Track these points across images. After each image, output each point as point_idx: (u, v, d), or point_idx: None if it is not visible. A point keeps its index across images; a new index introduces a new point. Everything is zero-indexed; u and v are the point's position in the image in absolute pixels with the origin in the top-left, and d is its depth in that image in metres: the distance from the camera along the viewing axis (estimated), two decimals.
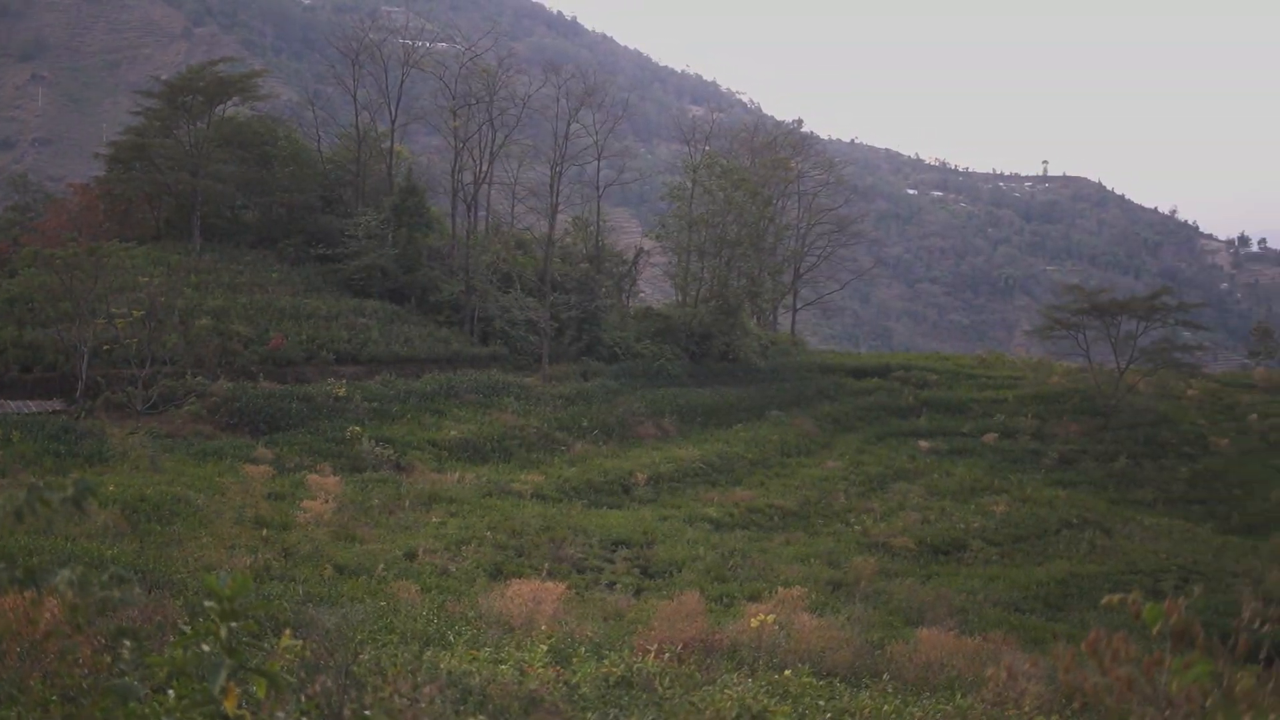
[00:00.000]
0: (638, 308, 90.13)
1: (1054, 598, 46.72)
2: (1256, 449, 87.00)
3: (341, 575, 29.32)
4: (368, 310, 70.06)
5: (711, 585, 36.79)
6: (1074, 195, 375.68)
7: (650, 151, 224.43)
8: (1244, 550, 61.05)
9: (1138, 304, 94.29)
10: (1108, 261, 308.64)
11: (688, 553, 41.81)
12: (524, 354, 73.85)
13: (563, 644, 19.12)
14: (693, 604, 24.67)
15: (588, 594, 33.14)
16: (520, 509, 44.85)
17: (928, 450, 76.17)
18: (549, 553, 38.62)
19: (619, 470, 57.32)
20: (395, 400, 60.57)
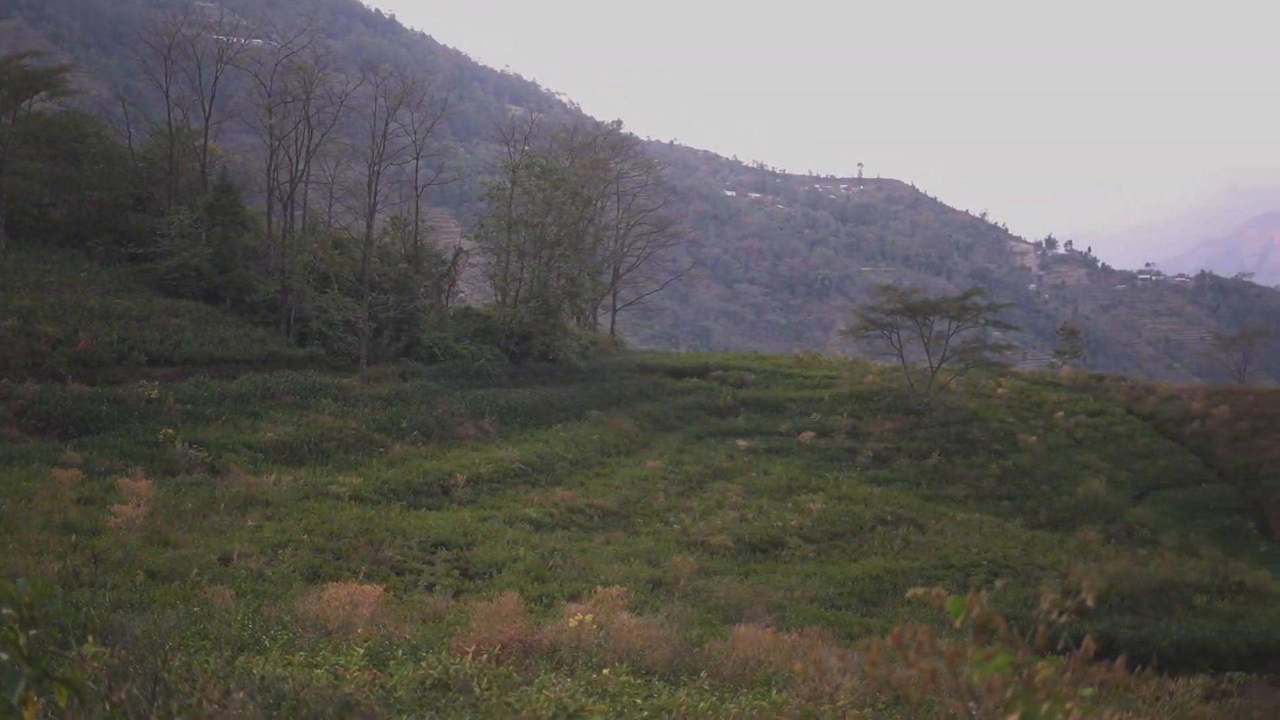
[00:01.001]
0: (457, 308, 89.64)
1: (869, 593, 47.47)
2: (1063, 445, 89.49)
3: (154, 581, 28.64)
4: (181, 310, 68.53)
5: (531, 586, 36.72)
6: (888, 197, 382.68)
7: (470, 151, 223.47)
8: (1051, 544, 62.72)
9: (949, 304, 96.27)
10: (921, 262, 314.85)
11: (507, 553, 41.68)
12: (342, 355, 73.00)
13: (380, 647, 18.94)
14: (512, 605, 24.57)
15: (406, 596, 32.83)
16: (338, 511, 44.30)
17: (746, 449, 76.93)
18: (367, 555, 38.23)
19: (438, 471, 56.93)
20: (210, 402, 59.36)
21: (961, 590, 22.40)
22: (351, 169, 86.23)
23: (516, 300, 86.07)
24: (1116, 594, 52.59)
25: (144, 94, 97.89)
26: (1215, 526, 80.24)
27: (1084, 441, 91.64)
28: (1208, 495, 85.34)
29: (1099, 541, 66.32)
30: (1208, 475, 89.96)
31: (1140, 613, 51.67)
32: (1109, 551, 62.48)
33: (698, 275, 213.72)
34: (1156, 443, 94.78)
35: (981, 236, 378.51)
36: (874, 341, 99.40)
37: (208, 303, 71.63)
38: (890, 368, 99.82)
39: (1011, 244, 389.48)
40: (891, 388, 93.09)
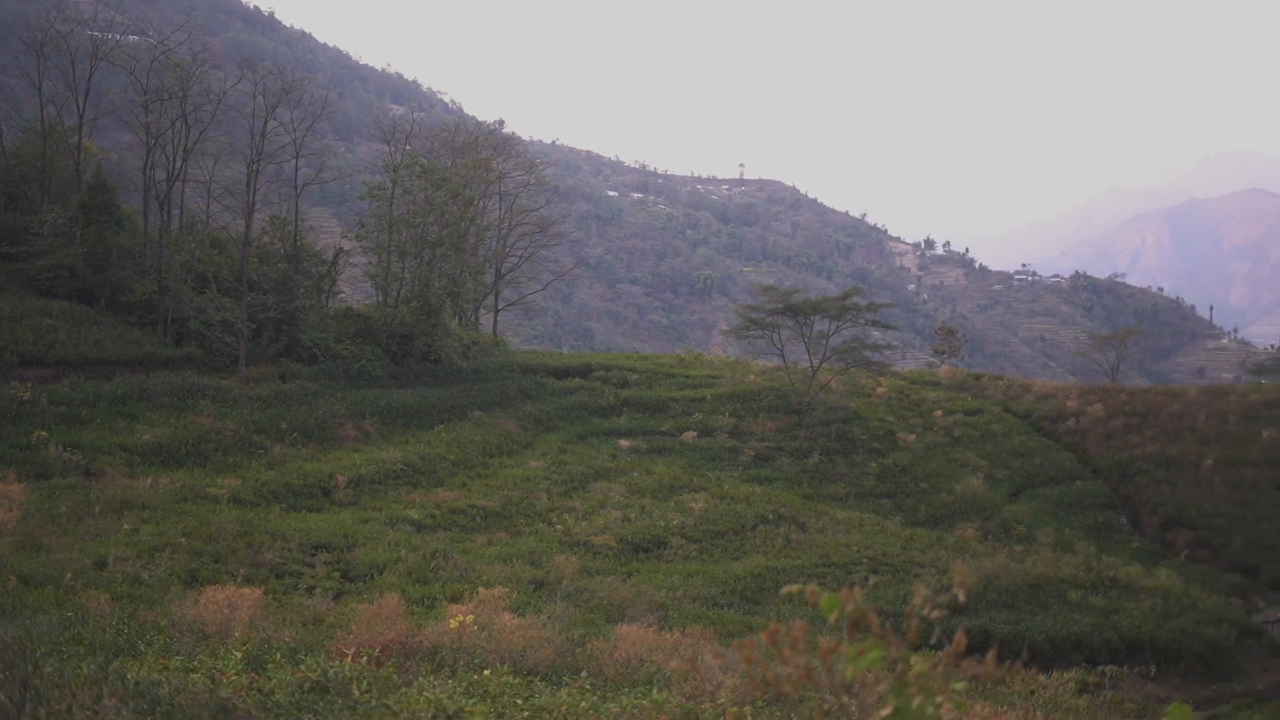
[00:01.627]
0: (338, 308, 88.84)
1: (751, 592, 47.76)
2: (941, 444, 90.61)
3: (26, 586, 28.10)
4: (54, 311, 67.24)
5: (413, 587, 36.58)
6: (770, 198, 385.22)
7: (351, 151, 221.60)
8: (930, 541, 63.45)
9: (829, 304, 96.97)
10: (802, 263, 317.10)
11: (389, 555, 41.48)
12: (220, 356, 72.09)
13: (258, 650, 18.72)
14: (393, 606, 24.46)
15: (286, 599, 32.54)
16: (216, 514, 43.81)
17: (628, 449, 77.04)
18: (246, 558, 37.86)
19: (319, 473, 56.47)
20: (84, 404, 58.36)
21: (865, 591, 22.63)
22: (230, 168, 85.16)
23: (398, 300, 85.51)
24: (993, 590, 53.33)
25: (16, 90, 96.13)
26: (1089, 522, 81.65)
27: (962, 440, 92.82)
28: (1082, 492, 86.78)
29: (977, 538, 67.26)
30: (1082, 472, 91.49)
31: (1017, 608, 52.42)
32: (986, 548, 63.36)
33: (580, 275, 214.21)
34: (1032, 440, 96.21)
35: (862, 237, 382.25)
36: (756, 341, 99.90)
37: (82, 303, 70.35)
38: (772, 367, 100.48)
39: (891, 245, 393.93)
40: (773, 387, 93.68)
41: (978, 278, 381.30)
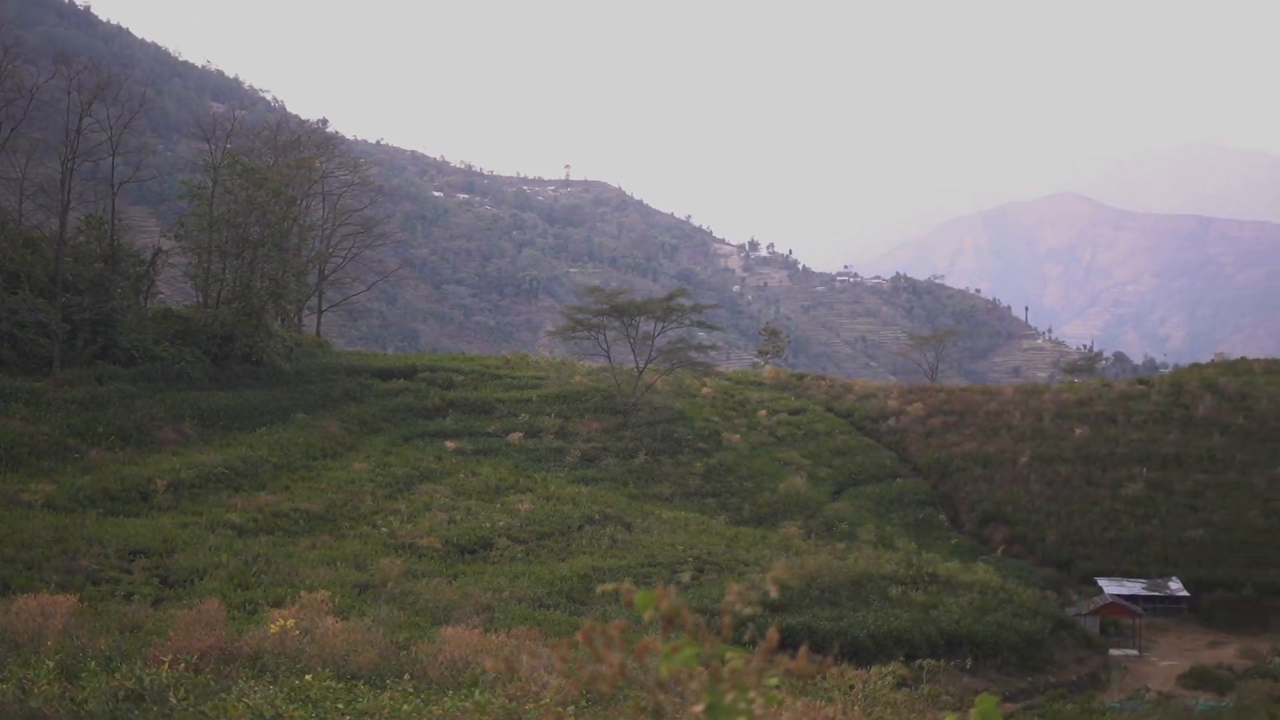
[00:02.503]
0: (157, 309, 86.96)
1: (577, 592, 47.90)
2: (765, 443, 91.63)
3: None
4: None
5: (235, 592, 36.08)
6: (595, 199, 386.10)
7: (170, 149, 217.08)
8: (754, 540, 64.19)
9: (655, 305, 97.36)
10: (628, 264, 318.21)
11: (210, 560, 40.84)
12: (34, 358, 70.18)
13: (71, 659, 18.32)
14: (213, 612, 24.05)
15: (102, 606, 31.84)
16: (29, 520, 42.74)
17: (454, 450, 76.71)
18: (61, 565, 37.00)
19: (137, 477, 55.38)
20: None
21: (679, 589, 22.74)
22: (43, 165, 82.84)
23: (219, 301, 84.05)
24: (817, 587, 54.10)
25: None
26: (910, 519, 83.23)
27: (785, 439, 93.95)
28: (903, 489, 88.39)
29: (800, 536, 68.22)
30: (902, 470, 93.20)
31: (840, 604, 53.24)
32: (809, 546, 64.30)
33: (405, 276, 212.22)
34: (854, 439, 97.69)
35: (687, 238, 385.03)
36: (581, 342, 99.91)
37: None
38: (598, 368, 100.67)
39: (716, 246, 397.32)
40: (599, 388, 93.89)
41: (801, 279, 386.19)
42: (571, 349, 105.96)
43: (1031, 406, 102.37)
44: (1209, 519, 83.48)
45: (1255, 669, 55.26)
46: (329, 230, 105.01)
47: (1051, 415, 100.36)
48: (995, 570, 68.18)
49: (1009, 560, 77.87)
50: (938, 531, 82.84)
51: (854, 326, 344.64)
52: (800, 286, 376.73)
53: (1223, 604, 76.03)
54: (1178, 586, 76.13)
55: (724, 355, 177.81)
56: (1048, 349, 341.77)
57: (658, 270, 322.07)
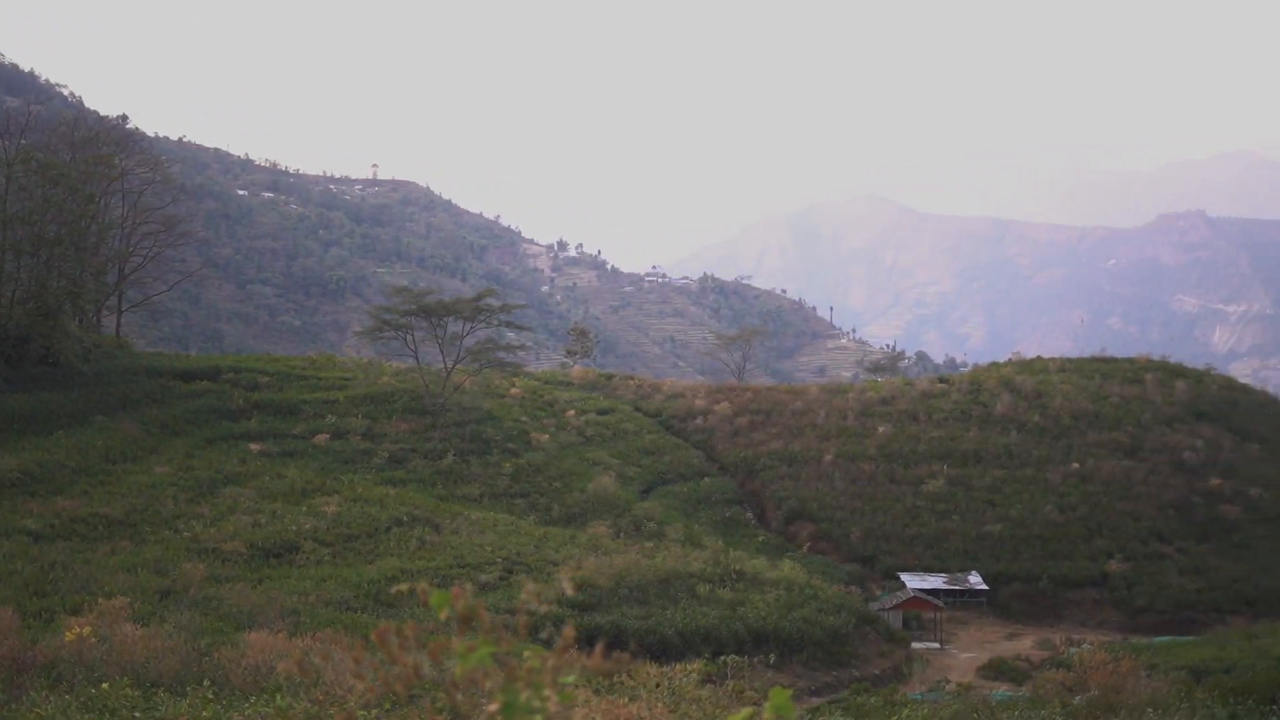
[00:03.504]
0: None
1: (385, 594, 47.51)
2: (574, 443, 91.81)
3: None
4: None
5: (30, 600, 35.15)
6: (404, 199, 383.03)
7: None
8: (564, 540, 64.26)
9: (463, 305, 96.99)
10: (436, 264, 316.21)
11: (4, 567, 39.83)
12: None
13: None
14: (6, 621, 23.40)
15: None
16: None
17: (259, 452, 75.60)
18: None
19: None
20: None
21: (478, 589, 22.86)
22: None
23: (13, 302, 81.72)
24: (625, 586, 54.35)
25: None
26: (717, 517, 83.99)
27: (594, 439, 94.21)
28: (710, 488, 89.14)
29: (609, 535, 68.44)
30: (710, 469, 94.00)
31: (648, 603, 53.55)
32: (618, 545, 64.53)
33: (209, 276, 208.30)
34: (663, 439, 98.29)
35: (496, 239, 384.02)
36: (389, 343, 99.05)
37: None
38: (406, 369, 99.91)
39: (525, 246, 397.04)
40: (407, 388, 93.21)
41: (610, 279, 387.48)
42: (379, 349, 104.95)
43: (836, 405, 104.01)
44: (1007, 514, 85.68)
45: (1051, 659, 56.77)
46: (129, 229, 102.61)
47: (855, 414, 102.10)
48: (801, 567, 69.08)
49: (814, 557, 78.97)
50: (745, 529, 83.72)
51: (662, 326, 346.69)
52: (609, 287, 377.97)
53: (1020, 596, 78.11)
54: (977, 580, 78.00)
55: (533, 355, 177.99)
56: (852, 348, 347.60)
57: (466, 270, 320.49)
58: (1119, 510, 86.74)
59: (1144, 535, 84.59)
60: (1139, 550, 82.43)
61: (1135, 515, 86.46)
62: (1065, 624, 75.31)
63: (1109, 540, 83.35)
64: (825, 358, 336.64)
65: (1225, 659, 50.34)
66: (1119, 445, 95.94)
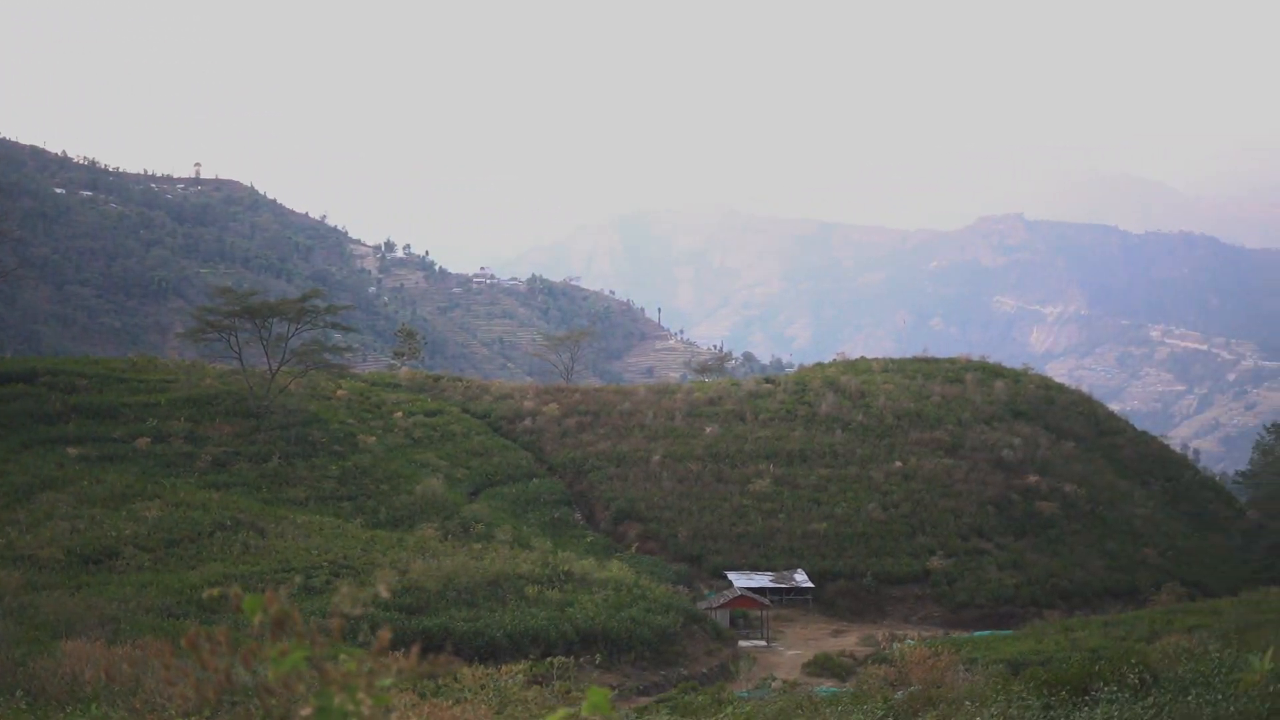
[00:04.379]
0: None
1: (209, 600, 46.74)
2: (402, 445, 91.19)
3: None
4: None
5: None
6: (227, 198, 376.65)
7: None
8: (391, 542, 63.83)
9: (288, 306, 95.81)
10: (261, 264, 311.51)
11: None
12: None
13: None
14: None
15: None
16: None
17: (77, 457, 73.96)
18: None
19: None
20: None
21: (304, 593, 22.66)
22: None
23: None
24: (453, 588, 54.18)
25: None
26: (546, 519, 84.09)
27: (422, 441, 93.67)
28: (539, 489, 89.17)
29: (437, 537, 68.11)
30: (539, 470, 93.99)
31: (477, 605, 53.44)
32: (447, 547, 64.23)
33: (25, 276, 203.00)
34: (491, 440, 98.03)
35: (322, 239, 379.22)
36: (213, 345, 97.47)
37: None
38: (229, 371, 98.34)
39: (352, 247, 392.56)
40: (231, 391, 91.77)
41: (438, 280, 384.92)
42: (202, 351, 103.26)
43: (664, 406, 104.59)
44: (832, 512, 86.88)
45: (874, 655, 57.66)
46: None
47: (683, 414, 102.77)
48: (629, 567, 69.42)
49: (642, 557, 79.38)
50: (574, 530, 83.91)
51: (491, 328, 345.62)
52: (437, 288, 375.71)
53: (845, 593, 79.30)
54: (803, 578, 79.00)
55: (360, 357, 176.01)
56: (680, 349, 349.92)
57: (292, 271, 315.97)
58: (940, 507, 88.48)
59: (964, 532, 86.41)
60: (960, 546, 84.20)
61: (956, 512, 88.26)
62: (889, 620, 76.63)
63: (931, 537, 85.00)
64: (654, 359, 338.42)
65: (1043, 652, 51.67)
66: (940, 444, 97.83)
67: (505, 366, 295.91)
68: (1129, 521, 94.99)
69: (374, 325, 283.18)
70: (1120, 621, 64.05)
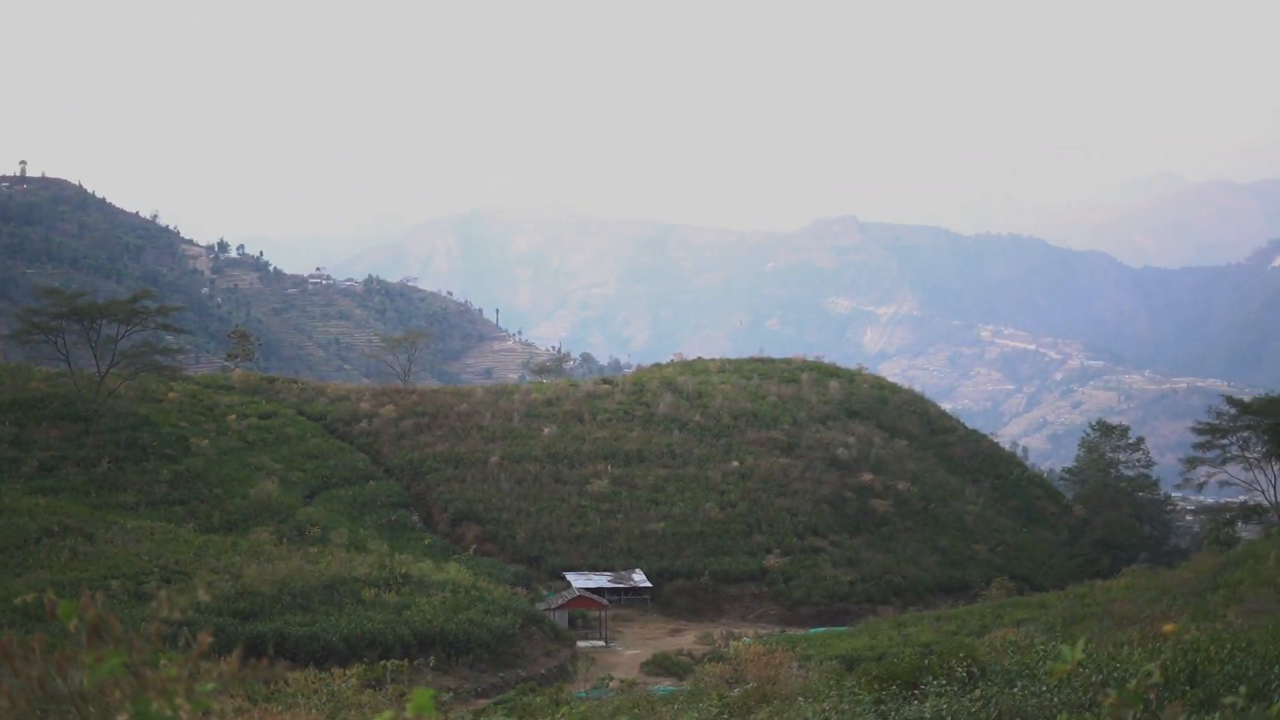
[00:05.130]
0: None
1: (34, 609, 45.60)
2: (236, 448, 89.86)
3: None
4: None
5: None
6: (54, 197, 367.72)
7: None
8: (225, 547, 62.89)
9: (117, 307, 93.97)
10: (90, 265, 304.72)
11: None
12: None
13: None
14: None
15: None
16: None
17: None
18: None
19: None
20: None
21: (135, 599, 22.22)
22: None
23: None
24: (289, 592, 53.56)
25: None
26: (383, 521, 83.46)
27: (256, 444, 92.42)
28: (376, 491, 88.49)
29: (272, 541, 67.25)
30: (376, 472, 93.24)
31: (313, 609, 52.88)
32: (282, 551, 63.44)
33: None
34: (327, 443, 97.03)
35: (153, 239, 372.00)
36: (39, 346, 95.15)
37: None
38: (57, 373, 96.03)
39: (185, 247, 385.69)
40: (59, 393, 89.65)
41: (273, 281, 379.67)
42: (28, 353, 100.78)
43: (502, 407, 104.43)
44: (670, 512, 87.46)
45: (711, 653, 58.10)
46: None
47: (521, 415, 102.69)
48: (467, 569, 69.29)
49: (481, 558, 79.27)
50: (411, 532, 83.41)
51: (327, 329, 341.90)
52: (272, 289, 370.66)
53: (683, 592, 79.85)
54: (641, 578, 79.41)
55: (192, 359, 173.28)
56: (518, 350, 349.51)
57: (122, 272, 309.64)
58: (777, 506, 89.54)
59: (800, 530, 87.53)
60: (796, 545, 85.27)
61: (792, 511, 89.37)
62: (727, 618, 77.31)
63: (768, 535, 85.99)
64: (492, 359, 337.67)
65: (876, 647, 52.55)
66: (776, 443, 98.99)
67: (342, 368, 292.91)
68: (960, 518, 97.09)
69: (207, 327, 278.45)
70: (952, 616, 65.46)
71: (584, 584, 75.32)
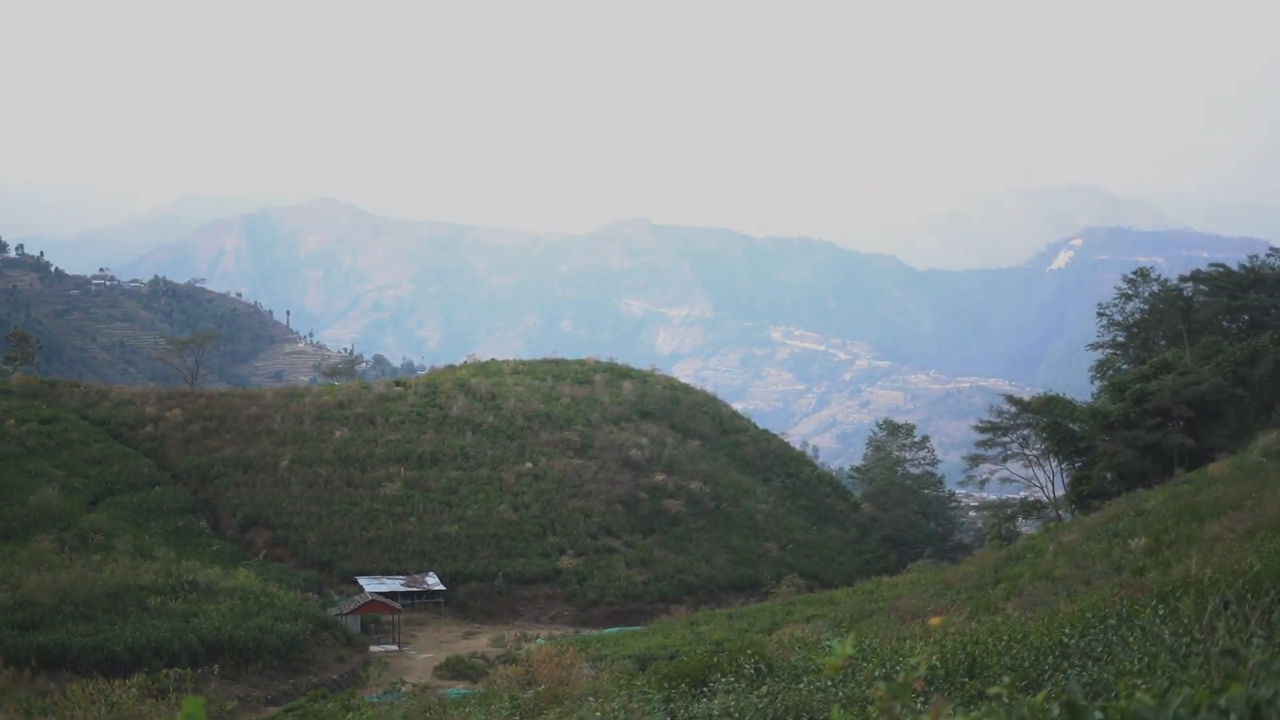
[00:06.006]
0: None
1: None
2: (14, 454, 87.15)
3: None
4: None
5: None
6: None
7: None
8: (3, 556, 61.01)
9: None
10: None
11: None
12: None
13: None
14: None
15: None
16: None
17: None
18: None
19: None
20: None
21: None
22: None
23: None
24: (70, 602, 52.18)
25: None
26: (170, 527, 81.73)
27: (36, 449, 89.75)
28: (162, 497, 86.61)
29: (53, 550, 65.35)
30: (162, 478, 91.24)
31: (95, 619, 51.60)
32: (63, 559, 61.76)
33: None
34: (111, 448, 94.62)
35: None
36: None
37: None
38: None
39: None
40: None
41: (54, 282, 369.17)
42: None
43: (292, 410, 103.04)
44: (463, 514, 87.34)
45: (504, 656, 58.15)
46: None
47: (312, 418, 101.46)
48: (257, 575, 68.27)
49: (271, 564, 78.19)
50: (199, 538, 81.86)
51: (111, 331, 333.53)
52: (53, 290, 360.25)
53: (477, 595, 79.78)
54: (435, 581, 79.11)
55: None
56: (310, 352, 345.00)
57: None
58: (570, 507, 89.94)
59: (594, 531, 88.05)
60: (590, 545, 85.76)
61: (586, 512, 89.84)
62: (521, 620, 77.44)
63: (561, 537, 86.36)
64: (282, 362, 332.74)
65: (669, 646, 53.10)
66: (570, 444, 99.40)
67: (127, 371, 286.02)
68: (752, 517, 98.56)
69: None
70: (743, 614, 66.46)
71: (377, 588, 74.75)
